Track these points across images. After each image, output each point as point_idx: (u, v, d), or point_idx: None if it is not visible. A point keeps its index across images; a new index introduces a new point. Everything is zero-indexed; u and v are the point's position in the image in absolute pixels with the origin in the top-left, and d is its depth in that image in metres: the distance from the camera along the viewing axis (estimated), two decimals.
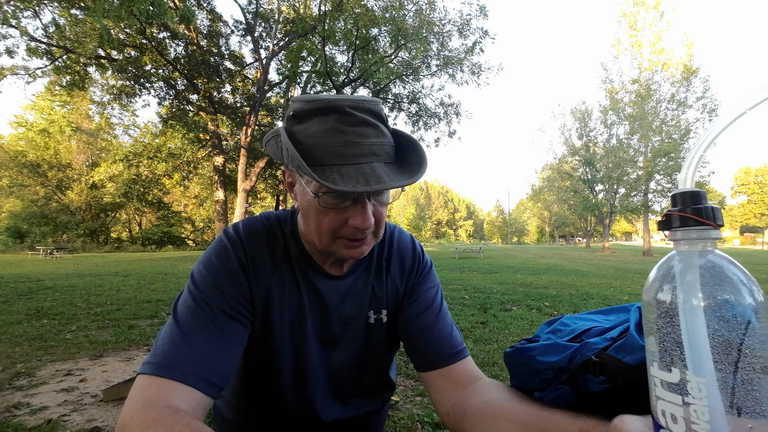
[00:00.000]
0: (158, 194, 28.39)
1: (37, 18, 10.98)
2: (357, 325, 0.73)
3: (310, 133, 0.56)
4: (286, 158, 0.59)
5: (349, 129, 0.56)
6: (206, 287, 0.62)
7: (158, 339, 0.58)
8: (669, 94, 24.26)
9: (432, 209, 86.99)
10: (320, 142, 0.56)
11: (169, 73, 15.11)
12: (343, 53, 14.99)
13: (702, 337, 0.32)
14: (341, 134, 0.56)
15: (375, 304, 0.74)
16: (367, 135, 0.57)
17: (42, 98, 24.87)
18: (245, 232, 0.68)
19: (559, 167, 32.23)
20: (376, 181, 0.54)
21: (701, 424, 0.32)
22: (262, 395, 0.74)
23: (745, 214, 60.84)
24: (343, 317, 0.72)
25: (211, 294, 0.61)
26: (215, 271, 0.63)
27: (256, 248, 0.67)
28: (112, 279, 8.13)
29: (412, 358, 0.72)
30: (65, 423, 2.10)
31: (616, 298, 6.13)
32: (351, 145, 0.56)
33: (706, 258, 0.35)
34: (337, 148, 0.55)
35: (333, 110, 0.56)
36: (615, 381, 0.50)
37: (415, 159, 0.62)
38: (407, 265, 0.77)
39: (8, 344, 3.48)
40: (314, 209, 0.60)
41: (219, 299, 0.61)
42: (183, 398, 0.53)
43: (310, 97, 0.58)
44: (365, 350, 0.75)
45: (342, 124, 0.56)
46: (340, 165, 0.55)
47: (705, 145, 0.37)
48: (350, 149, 0.56)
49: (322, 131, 0.56)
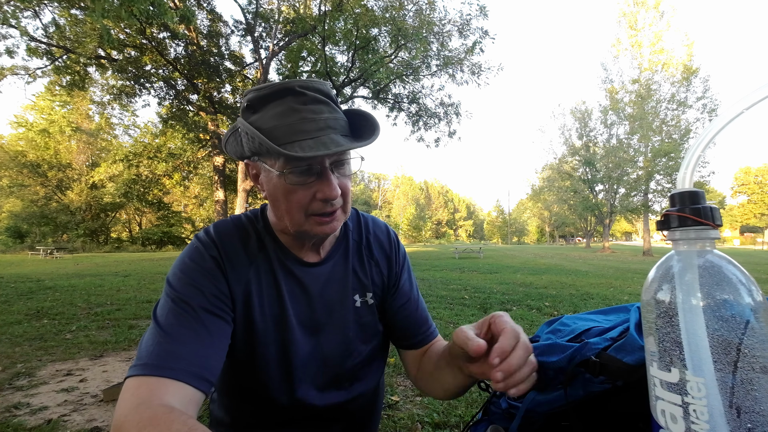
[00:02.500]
0: (158, 194, 28.36)
1: (37, 18, 10.98)
2: (343, 309, 0.74)
3: (267, 118, 0.60)
4: (248, 147, 0.62)
5: (303, 107, 0.60)
6: (184, 288, 0.62)
7: (142, 344, 0.58)
8: (669, 94, 24.25)
9: (432, 209, 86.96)
10: (278, 123, 0.59)
11: (169, 73, 15.11)
12: (343, 53, 14.98)
13: (701, 336, 0.32)
14: (297, 113, 0.59)
15: (360, 288, 0.76)
16: (321, 111, 0.61)
17: (42, 98, 24.87)
18: (216, 232, 0.69)
19: (559, 167, 32.21)
20: (334, 146, 0.59)
21: (701, 423, 0.32)
22: (253, 392, 0.73)
23: (745, 214, 60.84)
24: (327, 303, 0.73)
25: (190, 293, 0.61)
26: (191, 271, 0.64)
27: (229, 246, 0.68)
28: (112, 279, 8.13)
29: (392, 338, 0.82)
30: (65, 423, 2.10)
31: (616, 298, 6.13)
32: (307, 121, 0.59)
33: (705, 258, 0.35)
34: (295, 125, 0.59)
35: (286, 92, 0.60)
36: (615, 381, 0.50)
37: (368, 127, 0.66)
38: (387, 253, 0.81)
39: (8, 344, 3.48)
40: (281, 190, 0.62)
41: (199, 298, 0.61)
42: (175, 395, 0.52)
43: (261, 86, 0.61)
44: (355, 333, 0.76)
45: (296, 103, 0.60)
46: (299, 141, 0.59)
47: (703, 145, 0.37)
48: (307, 125, 0.59)
49: (278, 113, 0.59)
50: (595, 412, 0.54)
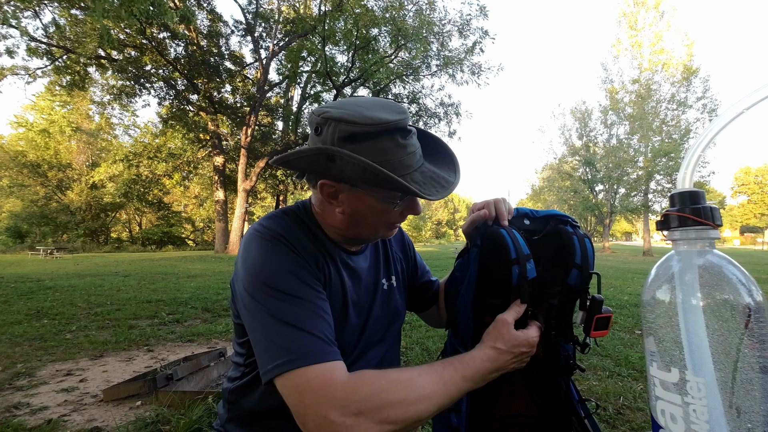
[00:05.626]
0: (158, 194, 28.39)
1: (37, 18, 10.99)
2: (376, 292, 0.84)
3: (375, 150, 0.63)
4: (353, 174, 0.64)
5: (407, 142, 0.66)
6: (285, 281, 0.64)
7: (266, 345, 0.60)
8: (669, 94, 24.24)
9: (432, 209, 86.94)
10: (391, 158, 0.64)
11: (169, 73, 15.11)
12: (343, 53, 14.99)
13: (701, 336, 0.32)
14: (404, 147, 0.65)
15: (386, 273, 0.88)
16: (415, 143, 0.69)
17: (42, 98, 24.89)
18: (278, 226, 0.71)
19: (559, 167, 32.18)
20: (445, 182, 0.69)
21: (700, 423, 0.32)
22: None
23: (745, 214, 60.80)
24: (368, 286, 0.83)
25: (296, 286, 0.64)
26: (282, 265, 0.66)
27: (293, 237, 0.70)
28: (112, 279, 8.13)
29: (413, 306, 0.99)
30: (65, 423, 2.10)
31: (616, 298, 6.13)
32: (411, 155, 0.67)
33: (705, 258, 0.35)
34: (404, 160, 0.65)
35: (397, 129, 0.64)
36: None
37: (429, 142, 0.77)
38: (402, 242, 0.97)
39: (8, 344, 3.48)
40: (376, 211, 0.70)
41: (305, 288, 0.65)
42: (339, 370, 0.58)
43: (366, 120, 0.63)
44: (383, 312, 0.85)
45: (403, 138, 0.65)
46: (409, 173, 0.66)
47: (703, 145, 0.37)
48: (410, 159, 0.66)
49: (390, 147, 0.64)
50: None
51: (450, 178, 0.71)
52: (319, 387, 0.55)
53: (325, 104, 0.68)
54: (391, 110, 0.66)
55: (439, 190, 0.67)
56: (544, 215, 0.75)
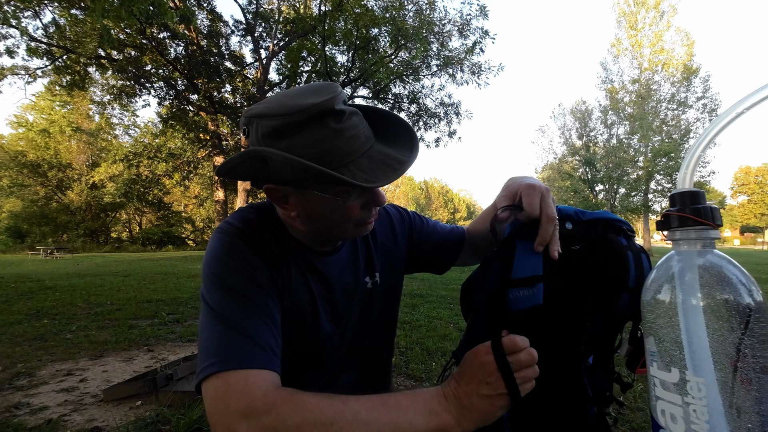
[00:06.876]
0: (158, 194, 28.39)
1: (37, 18, 10.98)
2: (358, 292, 0.77)
3: (307, 143, 0.55)
4: (287, 174, 0.57)
5: (344, 126, 0.57)
6: (237, 280, 0.61)
7: (206, 341, 0.56)
8: (669, 94, 24.23)
9: (432, 209, 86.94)
10: (327, 147, 0.55)
11: (169, 73, 15.10)
12: (343, 53, 14.98)
13: (701, 336, 0.32)
14: (341, 133, 0.56)
15: (369, 270, 0.80)
16: (356, 124, 0.59)
17: (42, 98, 24.91)
18: (243, 224, 0.67)
19: (559, 167, 32.18)
20: (397, 164, 0.60)
21: (701, 423, 0.32)
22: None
23: (745, 214, 60.77)
24: (345, 287, 0.76)
25: (244, 284, 0.61)
26: (235, 262, 0.63)
27: (257, 237, 0.67)
28: (112, 279, 8.13)
29: (443, 267, 0.91)
30: (65, 423, 2.10)
31: None
32: (352, 139, 0.57)
33: (705, 258, 0.35)
34: (343, 147, 0.56)
35: (326, 112, 0.55)
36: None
37: (383, 120, 0.67)
38: (399, 229, 0.87)
39: (8, 344, 3.48)
40: (332, 209, 0.62)
41: (253, 287, 0.61)
42: (268, 380, 0.53)
43: (286, 109, 0.54)
44: (369, 313, 0.79)
45: (336, 123, 0.56)
46: (352, 161, 0.57)
47: (703, 145, 0.37)
48: (353, 143, 0.57)
49: (323, 135, 0.55)
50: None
51: (404, 157, 0.61)
52: (238, 394, 0.49)
53: (256, 103, 0.61)
54: (319, 93, 0.56)
55: (389, 174, 0.58)
56: (592, 219, 0.63)
